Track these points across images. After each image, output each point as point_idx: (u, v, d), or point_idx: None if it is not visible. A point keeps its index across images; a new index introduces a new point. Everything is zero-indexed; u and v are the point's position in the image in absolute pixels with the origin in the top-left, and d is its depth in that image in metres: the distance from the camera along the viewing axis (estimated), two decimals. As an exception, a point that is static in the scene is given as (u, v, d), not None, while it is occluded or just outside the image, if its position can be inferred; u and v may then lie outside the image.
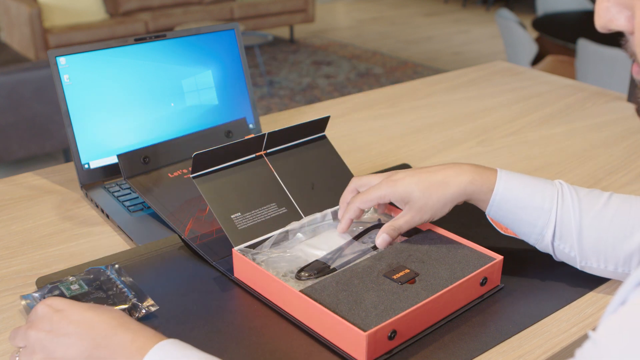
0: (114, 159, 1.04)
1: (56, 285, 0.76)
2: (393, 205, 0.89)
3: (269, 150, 0.91)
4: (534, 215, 0.76)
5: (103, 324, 0.61)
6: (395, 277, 0.74)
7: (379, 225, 0.87)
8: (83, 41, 4.66)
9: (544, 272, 0.82)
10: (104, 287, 0.77)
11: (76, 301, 0.65)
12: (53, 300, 0.65)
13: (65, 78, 0.99)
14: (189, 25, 5.05)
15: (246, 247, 0.82)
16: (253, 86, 3.84)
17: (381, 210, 0.89)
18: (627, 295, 0.44)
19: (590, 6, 4.14)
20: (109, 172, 1.05)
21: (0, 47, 4.84)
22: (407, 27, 6.74)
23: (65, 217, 0.97)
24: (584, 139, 1.28)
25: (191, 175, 0.83)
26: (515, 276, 0.81)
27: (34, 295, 0.75)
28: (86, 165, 1.02)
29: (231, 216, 0.83)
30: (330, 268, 0.78)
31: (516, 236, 0.81)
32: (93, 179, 1.04)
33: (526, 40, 3.32)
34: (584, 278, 0.80)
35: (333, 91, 4.55)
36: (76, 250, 0.89)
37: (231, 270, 0.81)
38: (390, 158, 1.19)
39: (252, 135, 0.88)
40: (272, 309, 0.75)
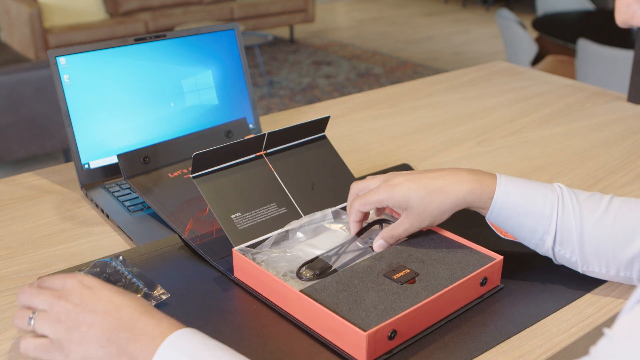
0: (114, 159, 1.04)
1: None
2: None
3: (269, 150, 0.91)
4: (534, 222, 0.76)
5: (129, 308, 0.62)
6: (395, 277, 0.74)
7: (381, 222, 0.87)
8: (83, 41, 4.66)
9: (544, 273, 0.82)
10: (113, 279, 0.77)
11: (106, 282, 0.66)
12: (84, 277, 0.66)
13: (65, 78, 0.99)
14: (189, 25, 5.05)
15: (246, 247, 0.82)
16: (253, 86, 3.84)
17: (378, 214, 0.89)
18: None
19: (590, 6, 4.14)
20: (109, 172, 1.05)
21: (0, 47, 4.84)
22: (407, 27, 6.74)
23: (65, 217, 0.97)
24: (584, 139, 1.28)
25: (191, 175, 0.83)
26: (515, 276, 0.81)
27: None
28: (86, 165, 1.03)
29: (231, 216, 0.83)
30: (332, 269, 0.78)
31: (516, 240, 0.81)
32: (93, 179, 1.04)
33: (526, 40, 3.33)
34: (584, 278, 0.80)
35: (333, 91, 4.55)
36: (76, 250, 0.89)
37: (231, 270, 0.81)
38: (390, 158, 1.19)
39: (252, 135, 0.88)
40: (272, 309, 0.75)
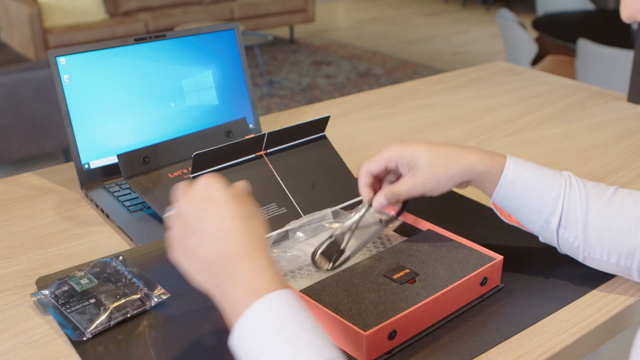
0: (114, 159, 1.04)
1: (65, 281, 0.77)
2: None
3: (269, 150, 0.91)
4: (541, 202, 0.76)
5: (234, 244, 0.58)
6: (395, 277, 0.74)
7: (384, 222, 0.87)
8: (83, 41, 4.66)
9: (544, 272, 0.82)
10: (113, 279, 0.77)
11: (233, 195, 0.62)
12: (213, 184, 0.62)
13: (65, 78, 0.99)
14: (189, 25, 5.05)
15: (246, 247, 0.81)
16: (253, 86, 3.84)
17: (385, 174, 0.84)
18: None
19: (590, 6, 4.14)
20: (109, 172, 1.05)
21: (0, 47, 4.84)
22: (407, 27, 6.74)
23: (65, 217, 0.97)
24: (584, 139, 1.28)
25: (191, 175, 0.83)
26: (515, 276, 0.81)
27: (43, 293, 0.76)
28: (86, 165, 1.03)
29: (231, 216, 0.83)
30: (346, 256, 0.80)
31: (520, 226, 0.81)
32: (93, 179, 1.04)
33: (526, 40, 3.32)
34: (584, 278, 0.80)
35: (333, 91, 4.55)
36: (76, 250, 0.89)
37: (231, 270, 0.81)
38: (390, 158, 1.19)
39: (252, 135, 0.88)
40: (272, 309, 0.75)
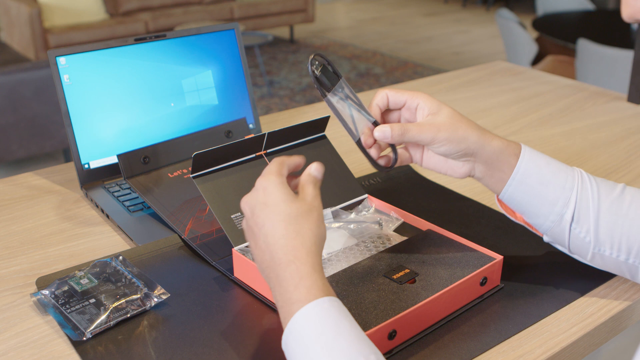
0: (114, 159, 1.04)
1: (65, 281, 0.77)
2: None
3: (269, 150, 0.91)
4: (556, 193, 0.73)
5: (282, 249, 0.61)
6: (395, 277, 0.74)
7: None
8: (83, 41, 4.66)
9: (544, 272, 0.82)
10: (113, 279, 0.77)
11: (283, 199, 0.63)
12: (268, 186, 0.64)
13: (65, 78, 0.99)
14: (189, 25, 5.05)
15: (246, 247, 0.82)
16: (253, 86, 3.84)
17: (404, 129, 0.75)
18: None
19: (590, 6, 4.14)
20: (109, 172, 1.05)
21: (0, 47, 4.84)
22: (407, 27, 6.74)
23: (65, 217, 0.97)
24: (584, 139, 1.28)
25: (191, 175, 0.83)
26: (515, 276, 0.81)
27: (43, 293, 0.76)
28: (86, 165, 1.03)
29: (231, 216, 0.83)
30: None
31: (526, 224, 0.78)
32: (93, 179, 1.04)
33: (526, 40, 3.33)
34: (584, 278, 0.80)
35: (333, 91, 4.54)
36: (76, 250, 0.89)
37: (231, 270, 0.82)
38: (390, 158, 1.19)
39: (252, 135, 0.88)
40: (272, 309, 0.75)
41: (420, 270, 0.76)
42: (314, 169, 0.67)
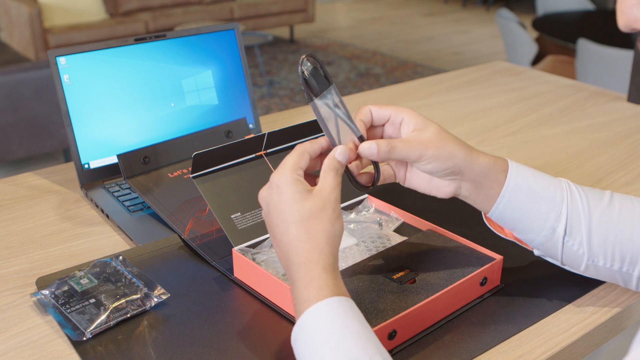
0: (114, 159, 1.04)
1: (65, 281, 0.77)
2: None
3: (269, 150, 0.91)
4: (547, 208, 0.72)
5: (295, 250, 0.62)
6: (395, 277, 0.74)
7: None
8: (83, 41, 4.66)
9: (544, 272, 0.82)
10: (113, 279, 0.77)
11: (301, 197, 0.63)
12: (279, 185, 0.64)
13: (65, 78, 0.99)
14: (189, 25, 5.05)
15: (246, 247, 0.82)
16: (253, 86, 3.84)
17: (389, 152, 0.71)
18: None
19: (590, 6, 4.14)
20: (109, 172, 1.05)
21: (0, 47, 4.84)
22: (407, 27, 6.74)
23: (65, 217, 0.97)
24: (584, 139, 1.28)
25: (191, 175, 0.83)
26: (515, 276, 0.81)
27: (43, 293, 0.76)
28: (86, 165, 1.03)
29: (231, 216, 0.83)
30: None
31: (516, 240, 0.77)
32: (93, 179, 1.04)
33: (526, 40, 3.33)
34: (584, 278, 0.80)
35: (333, 91, 4.54)
36: (76, 250, 0.89)
37: (231, 270, 0.82)
38: (390, 158, 1.19)
39: (252, 135, 0.88)
40: (272, 309, 0.75)
41: (420, 270, 0.76)
42: (339, 153, 0.66)
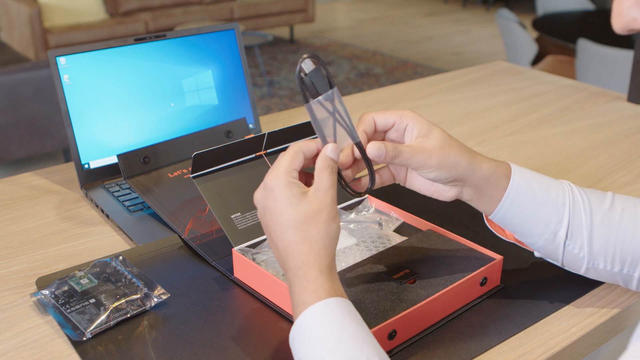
0: (114, 159, 1.04)
1: (65, 281, 0.77)
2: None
3: (269, 150, 0.91)
4: (549, 212, 0.72)
5: (291, 256, 0.61)
6: (395, 277, 0.74)
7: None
8: (83, 41, 4.66)
9: (544, 273, 0.82)
10: (113, 279, 0.77)
11: (295, 201, 0.62)
12: (273, 189, 0.63)
13: (65, 78, 0.99)
14: (189, 25, 5.05)
15: (246, 247, 0.82)
16: (253, 86, 3.84)
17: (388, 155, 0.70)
18: None
19: (590, 6, 4.14)
20: (109, 172, 1.05)
21: (0, 47, 4.84)
22: (407, 27, 6.74)
23: (65, 217, 0.97)
24: (584, 139, 1.28)
25: (191, 175, 0.83)
26: (515, 276, 0.81)
27: (43, 293, 0.76)
28: (86, 165, 1.03)
29: (231, 216, 0.83)
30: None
31: (517, 242, 0.77)
32: (93, 179, 1.04)
33: (526, 40, 3.33)
34: (584, 278, 0.80)
35: (333, 91, 4.54)
36: (76, 250, 0.89)
37: (231, 270, 0.82)
38: (390, 158, 1.19)
39: (252, 135, 0.88)
40: (272, 309, 0.75)
41: (420, 270, 0.76)
42: (330, 150, 0.65)
